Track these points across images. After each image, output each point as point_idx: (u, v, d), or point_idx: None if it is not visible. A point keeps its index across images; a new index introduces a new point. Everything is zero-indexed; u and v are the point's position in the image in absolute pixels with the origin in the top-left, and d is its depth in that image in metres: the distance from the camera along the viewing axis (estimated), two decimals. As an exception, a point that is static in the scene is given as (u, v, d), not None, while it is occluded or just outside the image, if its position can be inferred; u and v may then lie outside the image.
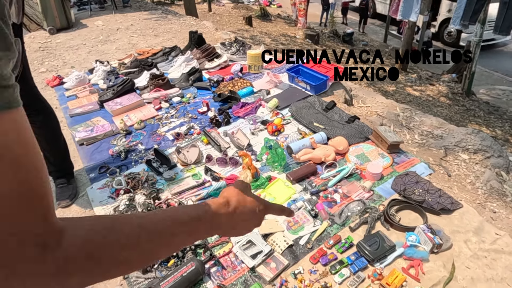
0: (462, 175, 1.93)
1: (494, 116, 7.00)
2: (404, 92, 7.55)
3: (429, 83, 8.17)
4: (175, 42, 3.98)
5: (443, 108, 6.97)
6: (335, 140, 1.99)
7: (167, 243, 0.46)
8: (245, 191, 0.59)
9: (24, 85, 1.64)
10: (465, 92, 7.59)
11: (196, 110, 2.56)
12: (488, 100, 7.96)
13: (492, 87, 8.91)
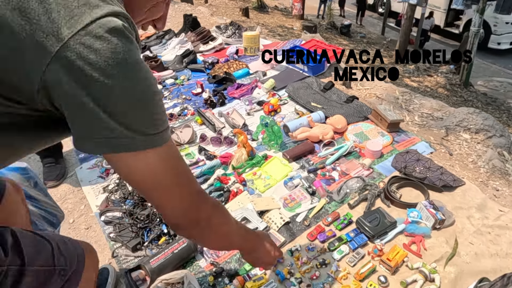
0: (464, 154, 1.88)
1: (491, 107, 6.97)
2: (402, 83, 7.50)
3: (427, 74, 8.12)
4: (169, 26, 3.88)
5: (441, 99, 6.90)
6: (334, 118, 1.93)
7: (242, 238, 0.91)
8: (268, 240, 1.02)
9: None
10: (463, 83, 7.54)
11: (190, 91, 2.48)
12: (485, 91, 7.92)
13: (490, 79, 8.88)
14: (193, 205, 0.67)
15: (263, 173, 1.69)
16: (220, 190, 1.59)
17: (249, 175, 1.68)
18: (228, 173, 1.71)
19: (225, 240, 0.84)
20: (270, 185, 1.62)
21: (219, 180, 1.64)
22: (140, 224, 1.44)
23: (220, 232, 0.79)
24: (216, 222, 0.75)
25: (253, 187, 1.61)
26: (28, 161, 2.10)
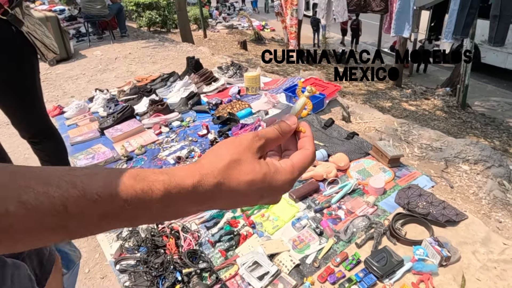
0: (465, 186, 1.93)
1: (491, 127, 7.05)
2: (400, 107, 7.64)
3: (424, 97, 8.27)
4: (173, 68, 4.06)
5: (440, 122, 7.03)
6: (336, 156, 2.00)
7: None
8: (244, 158, 0.38)
9: (37, 113, 1.68)
10: (460, 105, 7.67)
11: (196, 133, 2.58)
12: (483, 111, 8.04)
13: (487, 99, 9.03)
14: None
15: (271, 214, 1.74)
16: (230, 234, 1.64)
17: (258, 217, 1.73)
18: (237, 215, 1.76)
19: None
20: (278, 226, 1.67)
21: (229, 223, 1.69)
22: (154, 272, 1.48)
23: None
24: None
25: (262, 230, 1.66)
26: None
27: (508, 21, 2.49)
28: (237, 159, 0.38)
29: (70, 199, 0.29)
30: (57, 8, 8.27)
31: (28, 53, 1.56)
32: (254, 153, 0.39)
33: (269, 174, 0.39)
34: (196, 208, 0.38)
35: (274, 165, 0.40)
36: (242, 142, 0.39)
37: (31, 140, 1.74)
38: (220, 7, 19.47)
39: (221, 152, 0.38)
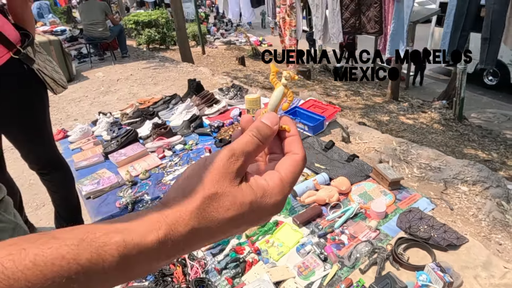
0: (464, 207, 1.98)
1: (488, 139, 7.14)
2: (397, 121, 7.73)
3: (421, 110, 8.38)
4: (174, 89, 4.14)
5: (437, 135, 7.11)
6: (337, 180, 2.05)
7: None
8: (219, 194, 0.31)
9: (46, 146, 1.73)
10: (457, 117, 7.77)
11: (199, 156, 2.63)
12: (480, 123, 8.14)
13: (483, 111, 9.15)
14: None
15: (275, 240, 1.78)
16: (236, 261, 1.67)
17: (262, 243, 1.76)
18: (242, 241, 1.79)
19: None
20: (283, 253, 1.70)
21: (234, 250, 1.73)
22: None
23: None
24: None
25: (268, 256, 1.69)
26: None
27: (498, 44, 2.58)
28: (212, 193, 0.30)
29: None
30: (58, 29, 8.41)
31: (39, 89, 1.62)
32: (232, 180, 0.31)
33: (256, 201, 0.32)
34: (169, 261, 0.32)
35: (260, 186, 0.33)
36: (214, 167, 0.31)
37: (40, 171, 1.78)
38: (217, 23, 19.79)
39: (190, 187, 0.31)
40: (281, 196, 0.34)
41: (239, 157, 0.32)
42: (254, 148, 0.33)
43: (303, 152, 0.36)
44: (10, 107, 1.50)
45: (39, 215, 2.43)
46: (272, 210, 0.34)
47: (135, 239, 0.28)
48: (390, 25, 3.33)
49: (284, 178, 0.34)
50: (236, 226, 0.32)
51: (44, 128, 1.68)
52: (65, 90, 1.80)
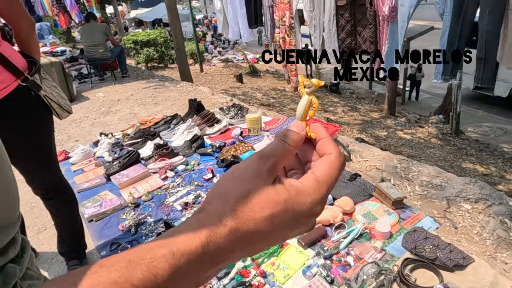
0: (468, 226, 1.98)
1: (485, 153, 7.19)
2: (396, 136, 7.79)
3: (418, 125, 8.46)
4: (175, 109, 4.18)
5: (435, 149, 7.16)
6: (341, 200, 2.06)
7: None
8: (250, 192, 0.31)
9: (51, 171, 1.73)
10: (454, 132, 7.85)
11: (202, 177, 2.63)
12: (477, 137, 8.22)
13: (479, 125, 9.25)
14: None
15: (281, 262, 1.77)
16: (242, 284, 1.66)
17: (268, 266, 1.75)
18: (248, 264, 1.78)
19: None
20: (289, 275, 1.69)
21: (240, 274, 1.71)
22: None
23: None
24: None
25: (274, 280, 1.68)
26: (51, 262, 2.17)
27: (493, 63, 2.64)
28: (245, 194, 0.30)
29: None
30: (58, 49, 8.53)
31: (45, 115, 1.64)
32: (265, 180, 0.31)
33: (290, 199, 0.31)
34: (215, 270, 0.31)
35: (294, 186, 0.32)
36: (246, 171, 0.32)
37: (44, 196, 1.78)
38: (215, 41, 20.13)
39: (224, 191, 0.32)
40: (317, 195, 0.32)
41: (269, 158, 0.32)
42: (282, 150, 0.33)
43: (337, 150, 0.35)
44: (18, 133, 1.51)
45: (40, 239, 2.41)
46: (310, 210, 0.32)
47: (181, 248, 0.29)
48: (385, 45, 3.42)
49: (319, 177, 0.33)
50: (275, 228, 0.31)
51: (50, 153, 1.70)
52: (70, 114, 1.82)
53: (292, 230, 0.33)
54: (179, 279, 0.28)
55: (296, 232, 0.34)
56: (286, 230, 0.32)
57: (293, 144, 0.33)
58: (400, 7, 3.30)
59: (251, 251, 0.33)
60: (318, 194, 0.32)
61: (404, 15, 3.30)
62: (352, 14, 3.67)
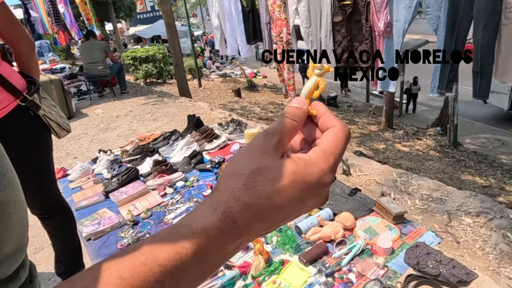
0: (470, 240, 1.97)
1: (484, 164, 7.20)
2: (394, 149, 7.80)
3: (416, 138, 8.49)
4: (174, 125, 4.18)
5: (434, 162, 7.16)
6: (342, 216, 2.04)
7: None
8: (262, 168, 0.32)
9: (49, 190, 1.72)
10: (452, 143, 7.88)
11: (201, 193, 2.62)
12: (475, 149, 8.25)
13: (477, 136, 9.30)
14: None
15: (282, 280, 1.74)
16: (243, 304, 1.63)
17: (269, 284, 1.72)
18: (248, 283, 1.75)
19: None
20: (291, 294, 1.66)
21: (241, 293, 1.68)
22: None
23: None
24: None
25: (275, 298, 1.65)
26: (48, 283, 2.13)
27: (489, 77, 2.68)
28: (255, 169, 0.31)
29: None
30: (58, 66, 8.60)
31: (44, 134, 1.64)
32: (272, 155, 0.32)
33: (299, 170, 0.32)
34: (234, 246, 0.32)
35: (301, 158, 0.33)
36: (254, 148, 0.33)
37: (41, 216, 1.76)
38: (213, 57, 20.37)
39: (234, 169, 0.32)
40: (325, 165, 0.33)
41: (274, 134, 0.33)
42: (286, 126, 0.34)
43: (339, 122, 0.35)
44: (17, 153, 1.51)
45: (37, 259, 2.37)
46: (320, 180, 0.33)
47: (199, 225, 0.29)
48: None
49: (325, 148, 0.34)
50: (287, 200, 0.31)
51: (48, 172, 1.69)
52: (69, 133, 1.82)
53: (305, 202, 0.33)
54: (202, 255, 0.29)
55: (310, 204, 0.34)
56: (298, 202, 0.33)
57: (296, 119, 0.34)
58: (395, 22, 3.36)
59: (267, 225, 0.33)
60: (325, 164, 0.33)
61: (399, 31, 3.36)
62: (348, 30, 3.73)
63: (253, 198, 0.30)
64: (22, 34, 1.58)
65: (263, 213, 0.31)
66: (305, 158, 0.33)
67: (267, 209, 0.31)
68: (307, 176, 0.32)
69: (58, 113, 1.73)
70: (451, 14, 2.85)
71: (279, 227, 0.36)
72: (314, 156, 0.33)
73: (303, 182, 0.32)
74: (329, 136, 0.34)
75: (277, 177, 0.31)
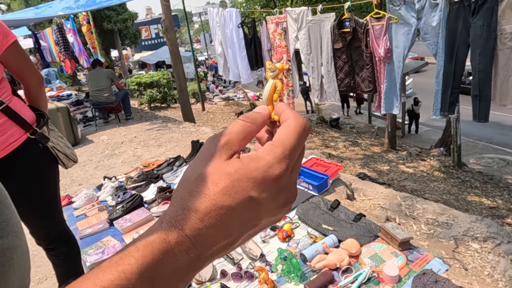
0: (478, 267, 1.94)
1: (490, 185, 7.13)
2: (398, 170, 7.77)
3: (420, 158, 8.47)
4: (178, 150, 4.22)
5: (439, 183, 7.11)
6: (347, 243, 2.03)
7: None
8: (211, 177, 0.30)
9: (55, 221, 1.73)
10: (456, 164, 7.84)
11: (205, 220, 2.61)
12: (480, 169, 8.19)
13: (481, 156, 9.26)
14: None
15: (288, 311, 1.71)
16: (249, 336, 1.60)
17: (275, 315, 1.70)
18: (254, 314, 1.73)
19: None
20: (297, 325, 1.63)
21: (247, 324, 1.65)
22: None
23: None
24: None
25: (282, 330, 1.62)
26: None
27: (488, 100, 2.72)
28: (199, 174, 0.30)
29: None
30: (64, 93, 8.79)
31: (52, 165, 1.68)
32: (217, 157, 0.31)
33: (242, 167, 0.30)
34: (188, 257, 0.29)
35: (247, 155, 0.31)
36: (201, 153, 0.32)
37: (47, 247, 1.77)
38: (216, 81, 20.73)
39: (184, 179, 0.32)
40: (270, 157, 0.30)
41: (222, 137, 0.32)
42: (238, 127, 0.32)
43: (294, 115, 0.33)
44: (25, 185, 1.54)
45: (41, 290, 2.35)
46: (265, 173, 0.30)
47: (144, 241, 0.29)
48: (383, 84, 3.52)
49: (274, 141, 0.31)
50: (235, 201, 0.29)
51: (55, 203, 1.71)
52: (75, 163, 1.85)
53: (257, 201, 0.30)
54: (150, 270, 0.28)
55: (265, 202, 0.30)
56: (248, 201, 0.29)
57: (251, 121, 0.33)
58: (395, 48, 3.45)
59: (223, 232, 0.30)
60: (271, 155, 0.30)
61: (399, 56, 3.45)
62: (349, 56, 3.82)
63: (197, 204, 0.29)
64: (32, 70, 1.65)
65: (212, 218, 0.29)
66: (250, 155, 0.31)
67: (215, 212, 0.29)
68: (251, 171, 0.30)
69: (66, 144, 1.77)
70: (449, 40, 2.93)
71: (248, 235, 0.32)
72: (261, 151, 0.31)
73: (247, 178, 0.29)
74: (280, 129, 0.33)
75: (220, 177, 0.29)
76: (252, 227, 0.31)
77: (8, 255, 0.57)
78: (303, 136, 0.32)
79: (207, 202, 0.29)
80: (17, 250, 0.58)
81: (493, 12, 2.56)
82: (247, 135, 0.32)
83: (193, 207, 0.29)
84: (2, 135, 1.43)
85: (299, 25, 4.21)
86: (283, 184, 0.31)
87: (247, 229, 0.31)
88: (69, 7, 6.42)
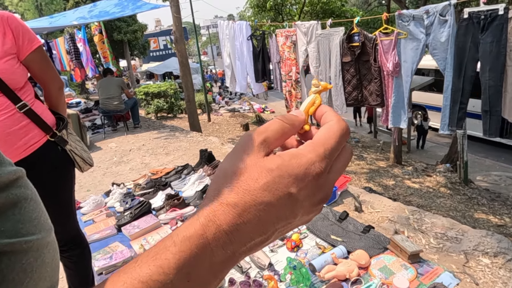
0: (489, 282, 1.92)
1: (497, 203, 7.05)
2: (403, 185, 7.72)
3: (426, 174, 8.42)
4: (186, 159, 4.25)
5: (445, 199, 7.05)
6: (356, 254, 2.02)
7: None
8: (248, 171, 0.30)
9: (70, 224, 1.76)
10: (462, 181, 7.78)
11: (213, 228, 2.62)
12: (487, 187, 8.11)
13: (488, 173, 9.17)
14: None
15: (297, 321, 1.70)
16: None
17: (284, 325, 1.69)
18: (263, 323, 1.72)
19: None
20: (307, 335, 1.62)
21: (255, 333, 1.65)
22: None
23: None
24: None
25: None
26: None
27: (499, 115, 2.73)
28: (238, 169, 0.30)
29: None
30: (73, 101, 8.93)
31: (69, 168, 1.71)
32: (256, 153, 0.31)
33: (283, 164, 0.30)
34: (225, 253, 0.29)
35: (288, 152, 0.31)
36: (239, 148, 0.32)
37: (60, 248, 1.78)
38: (222, 92, 20.91)
39: (221, 173, 0.32)
40: (312, 155, 0.30)
41: (261, 134, 0.32)
42: (276, 125, 0.33)
43: (337, 117, 0.34)
44: (43, 187, 1.56)
45: (48, 294, 2.35)
46: (306, 170, 0.30)
47: (181, 235, 0.29)
48: (391, 98, 3.55)
49: (315, 140, 0.32)
50: (275, 197, 0.29)
51: (70, 205, 1.74)
52: (91, 167, 1.88)
53: (295, 197, 0.30)
54: (187, 265, 0.28)
55: (303, 199, 0.30)
56: (287, 197, 0.30)
57: (288, 122, 0.33)
58: (403, 63, 3.49)
59: (259, 228, 0.30)
60: (313, 153, 0.30)
61: (408, 70, 3.49)
62: (357, 70, 3.87)
63: (237, 199, 0.29)
64: (54, 76, 1.70)
65: (251, 214, 0.29)
66: (291, 151, 0.31)
67: (254, 208, 0.29)
68: (293, 168, 0.30)
69: (83, 148, 1.81)
70: (458, 56, 2.96)
71: (279, 232, 0.32)
72: (302, 148, 0.32)
73: (289, 175, 0.29)
74: (322, 130, 0.33)
75: (261, 174, 0.29)
76: (286, 225, 0.32)
77: (41, 251, 0.60)
78: (343, 138, 0.33)
79: (247, 197, 0.29)
80: (48, 247, 0.61)
81: (502, 30, 2.60)
82: (284, 134, 0.33)
83: (232, 202, 0.29)
84: (24, 137, 1.47)
85: (309, 38, 4.29)
86: (321, 183, 0.31)
87: (281, 227, 0.31)
88: (82, 17, 6.59)
